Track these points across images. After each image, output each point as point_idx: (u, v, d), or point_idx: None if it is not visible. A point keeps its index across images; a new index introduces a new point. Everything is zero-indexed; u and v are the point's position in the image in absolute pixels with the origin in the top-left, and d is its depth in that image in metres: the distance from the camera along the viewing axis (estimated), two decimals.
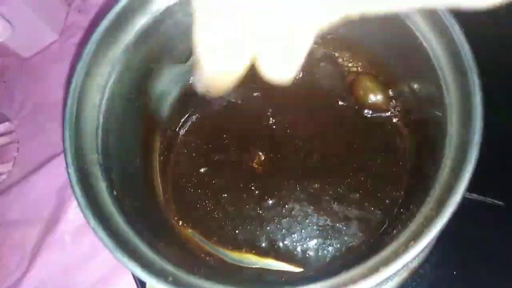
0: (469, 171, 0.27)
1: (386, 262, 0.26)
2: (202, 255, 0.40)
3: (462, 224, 0.44)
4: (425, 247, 0.27)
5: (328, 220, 0.40)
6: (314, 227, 0.41)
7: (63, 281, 0.49)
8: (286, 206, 0.41)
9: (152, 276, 0.28)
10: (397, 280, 0.42)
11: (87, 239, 0.50)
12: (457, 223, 0.44)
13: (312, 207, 0.41)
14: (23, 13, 0.57)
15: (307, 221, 0.41)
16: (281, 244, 0.40)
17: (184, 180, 0.44)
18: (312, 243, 0.40)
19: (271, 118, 0.45)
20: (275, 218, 0.41)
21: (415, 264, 0.43)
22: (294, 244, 0.40)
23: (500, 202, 0.42)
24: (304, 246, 0.40)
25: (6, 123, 0.59)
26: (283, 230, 0.41)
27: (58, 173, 0.54)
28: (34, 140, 0.58)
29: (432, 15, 0.32)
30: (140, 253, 0.30)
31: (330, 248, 0.40)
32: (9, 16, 0.51)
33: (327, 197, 0.41)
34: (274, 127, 0.45)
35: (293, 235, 0.41)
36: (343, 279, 0.27)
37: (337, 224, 0.40)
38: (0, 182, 0.56)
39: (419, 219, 0.29)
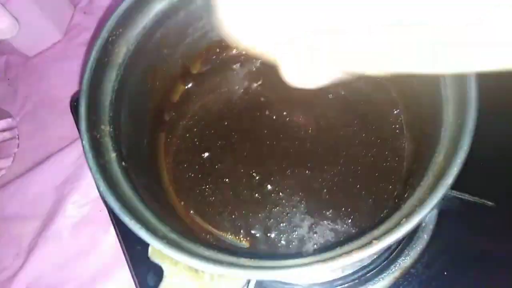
0: (461, 158, 0.29)
1: (378, 237, 0.28)
2: (202, 234, 0.41)
3: (453, 224, 0.46)
4: (416, 225, 0.28)
5: (325, 210, 0.42)
6: (309, 217, 0.42)
7: (59, 275, 0.50)
8: (283, 194, 0.43)
9: (157, 239, 0.29)
10: (389, 279, 0.43)
11: (84, 235, 0.51)
12: (449, 223, 0.45)
13: (307, 197, 0.42)
14: (31, 11, 0.57)
15: (302, 210, 0.42)
16: (276, 234, 0.41)
17: (186, 164, 0.45)
18: (306, 233, 0.41)
19: (268, 110, 0.47)
20: (273, 206, 0.42)
21: (407, 263, 0.44)
22: (289, 233, 0.41)
23: (491, 203, 0.43)
24: (298, 235, 0.41)
25: (8, 119, 0.59)
26: (280, 219, 0.42)
27: (58, 170, 0.55)
28: (34, 136, 0.59)
29: None
30: (145, 219, 0.31)
31: (325, 238, 0.41)
32: (17, 14, 0.51)
33: (325, 187, 0.42)
34: (274, 118, 0.47)
35: (288, 225, 0.42)
36: (331, 255, 0.28)
37: (333, 214, 0.41)
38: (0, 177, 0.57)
39: (411, 202, 0.31)
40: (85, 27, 0.64)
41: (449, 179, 0.29)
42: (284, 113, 0.47)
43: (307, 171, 0.43)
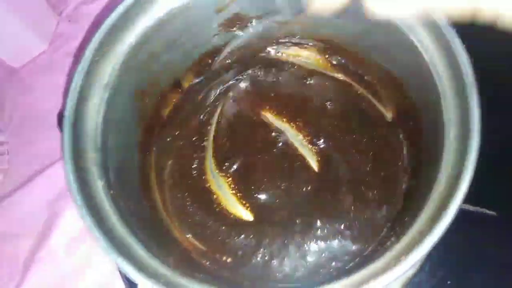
0: (463, 190, 0.28)
1: (375, 275, 0.27)
2: (197, 257, 0.40)
3: (456, 233, 0.45)
4: (416, 261, 0.27)
5: (321, 232, 0.40)
6: (306, 240, 0.40)
7: None
8: (280, 215, 0.41)
9: (144, 276, 0.28)
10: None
11: (79, 251, 0.50)
12: (451, 233, 0.45)
13: (305, 223, 0.41)
14: (11, 23, 0.55)
15: (299, 237, 0.40)
16: (273, 260, 0.40)
17: (179, 185, 0.44)
18: (303, 256, 0.40)
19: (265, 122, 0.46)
20: (267, 229, 0.41)
21: (409, 273, 0.44)
22: (286, 259, 0.40)
23: (493, 212, 0.42)
24: (296, 259, 0.40)
25: None
26: (276, 247, 0.40)
27: (50, 185, 0.53)
28: (24, 151, 0.57)
29: (432, 26, 0.33)
30: (134, 254, 0.30)
31: (322, 260, 0.40)
32: None
33: (320, 210, 0.41)
34: (270, 131, 0.45)
35: (285, 250, 0.40)
36: None
37: (330, 236, 0.40)
38: None
39: (412, 233, 0.29)
40: (70, 35, 0.62)
41: (451, 212, 0.28)
42: (280, 124, 0.45)
43: (304, 189, 0.42)
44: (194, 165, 0.45)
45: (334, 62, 0.47)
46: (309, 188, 0.42)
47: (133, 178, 0.40)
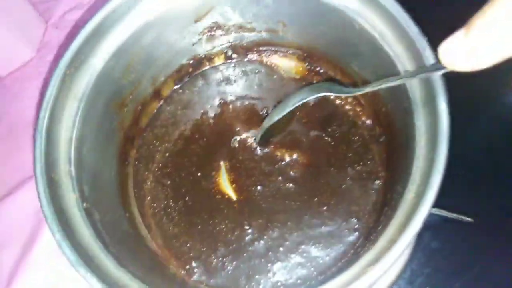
0: (431, 198, 0.28)
1: (344, 285, 0.27)
2: (174, 269, 0.40)
3: (434, 239, 0.46)
4: (386, 269, 0.27)
5: (295, 242, 0.40)
6: (278, 257, 0.40)
7: None
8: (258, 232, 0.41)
9: None
10: None
11: (66, 260, 0.49)
12: (429, 239, 0.45)
13: (279, 234, 0.41)
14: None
15: (281, 249, 0.40)
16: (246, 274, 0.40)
17: (159, 194, 0.44)
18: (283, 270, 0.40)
19: (238, 137, 0.46)
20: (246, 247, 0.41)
21: (388, 281, 0.44)
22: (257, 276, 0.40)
23: (469, 219, 0.42)
24: (276, 273, 0.40)
25: None
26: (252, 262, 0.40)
27: (35, 195, 0.52)
28: (10, 161, 0.56)
29: (405, 36, 0.33)
30: (103, 268, 0.30)
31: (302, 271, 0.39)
32: None
33: (300, 216, 0.41)
34: (248, 141, 0.45)
35: (257, 265, 0.40)
36: None
37: (307, 245, 0.40)
38: None
39: (382, 241, 0.29)
40: (58, 43, 0.62)
41: (419, 221, 0.27)
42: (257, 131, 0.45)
43: (278, 198, 0.42)
44: (175, 173, 0.45)
45: (314, 69, 0.47)
46: (283, 197, 0.42)
47: (110, 190, 0.40)
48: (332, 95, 0.37)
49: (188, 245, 0.41)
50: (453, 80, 0.31)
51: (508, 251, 0.45)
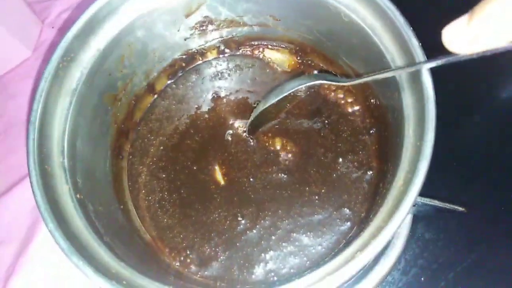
0: (418, 185, 0.28)
1: (332, 271, 0.27)
2: (167, 259, 0.40)
3: (427, 230, 0.46)
4: (372, 257, 0.27)
5: (288, 231, 0.41)
6: (279, 243, 0.40)
7: None
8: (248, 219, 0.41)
9: (105, 279, 0.28)
10: (368, 287, 0.42)
11: (63, 256, 0.50)
12: (423, 229, 0.46)
13: (273, 223, 0.41)
14: None
15: (273, 237, 0.40)
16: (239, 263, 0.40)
17: (154, 188, 0.44)
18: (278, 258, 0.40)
19: (231, 130, 0.46)
20: (233, 221, 0.41)
21: (383, 271, 0.44)
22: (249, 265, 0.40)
23: (462, 209, 0.42)
24: (269, 263, 0.40)
25: None
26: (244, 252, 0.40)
27: (32, 193, 0.53)
28: (7, 159, 0.57)
29: (392, 27, 0.33)
30: (96, 256, 0.30)
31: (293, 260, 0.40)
32: None
33: (296, 205, 0.41)
34: (241, 133, 0.46)
35: (251, 257, 0.40)
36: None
37: (298, 233, 0.40)
38: None
39: (371, 228, 0.30)
40: (54, 42, 0.62)
41: (406, 207, 0.28)
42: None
43: (271, 188, 0.42)
44: (169, 167, 0.45)
45: (305, 63, 0.47)
46: (274, 187, 0.42)
47: (104, 182, 0.40)
48: (327, 83, 0.37)
49: (182, 236, 0.41)
50: (447, 75, 0.32)
51: (500, 241, 0.45)
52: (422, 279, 0.44)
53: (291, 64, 0.48)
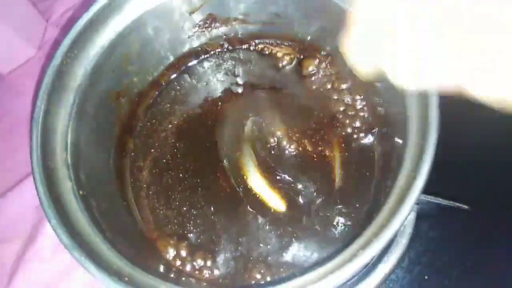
0: (421, 184, 0.28)
1: (332, 270, 0.27)
2: (169, 257, 0.40)
3: (431, 228, 0.46)
4: (374, 255, 0.27)
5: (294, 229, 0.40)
6: (279, 240, 0.40)
7: None
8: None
9: (106, 275, 0.28)
10: (371, 285, 0.42)
11: (66, 254, 0.50)
12: (427, 227, 0.45)
13: (278, 223, 0.41)
14: (0, 30, 0.56)
15: (273, 234, 0.41)
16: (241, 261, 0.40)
17: (156, 185, 0.44)
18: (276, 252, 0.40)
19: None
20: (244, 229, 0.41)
21: (387, 269, 0.44)
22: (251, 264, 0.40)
23: (466, 206, 0.42)
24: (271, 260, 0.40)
25: None
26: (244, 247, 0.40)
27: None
28: (12, 157, 0.57)
29: None
30: (98, 252, 0.31)
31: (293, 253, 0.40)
32: None
33: (303, 199, 0.41)
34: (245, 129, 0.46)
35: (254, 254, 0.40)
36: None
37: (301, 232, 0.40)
38: None
39: (373, 228, 0.29)
40: (58, 41, 0.62)
41: (408, 206, 0.28)
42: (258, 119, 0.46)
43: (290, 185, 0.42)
44: (172, 164, 0.45)
45: (309, 59, 0.47)
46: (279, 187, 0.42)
47: (107, 178, 0.41)
48: None
49: (184, 233, 0.41)
50: None
51: (505, 239, 0.45)
52: (426, 277, 0.44)
53: (294, 60, 0.48)
